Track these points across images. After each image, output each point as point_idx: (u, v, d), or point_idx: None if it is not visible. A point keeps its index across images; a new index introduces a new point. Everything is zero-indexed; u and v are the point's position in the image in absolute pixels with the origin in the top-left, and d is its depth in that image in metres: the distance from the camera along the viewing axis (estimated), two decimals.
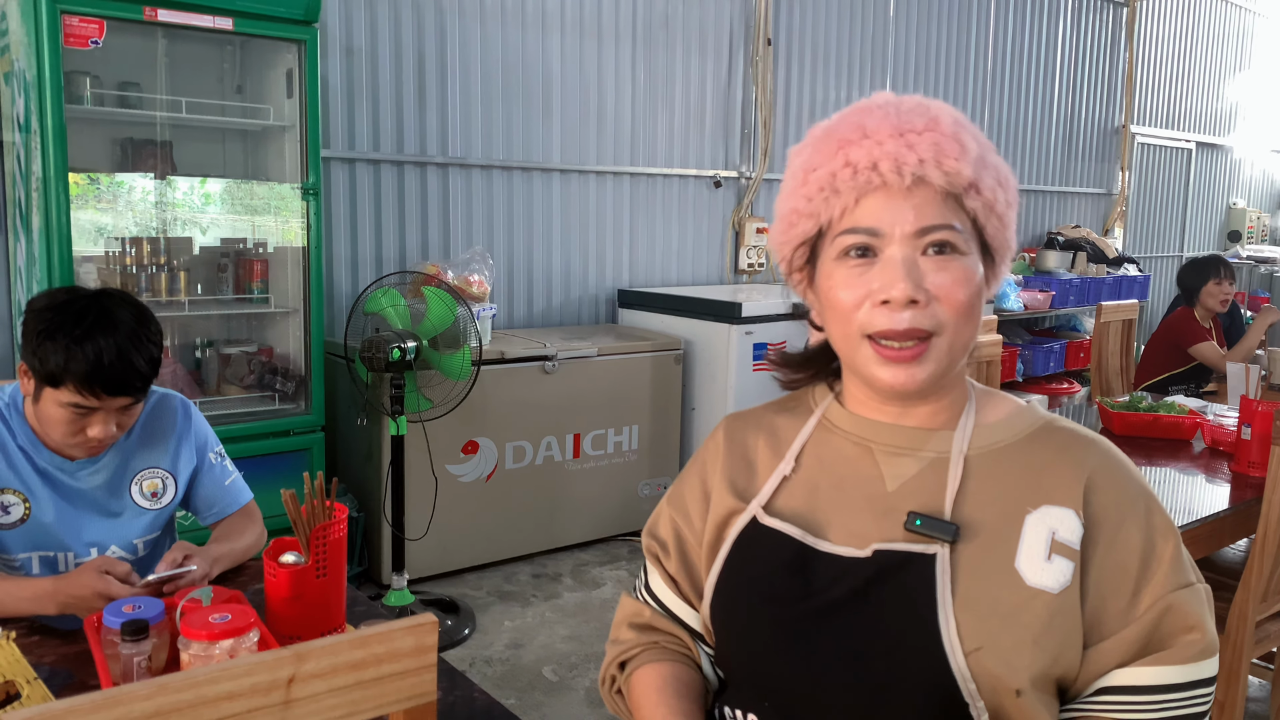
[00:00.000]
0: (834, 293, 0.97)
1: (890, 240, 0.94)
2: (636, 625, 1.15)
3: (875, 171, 0.93)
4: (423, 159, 4.11)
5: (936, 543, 0.95)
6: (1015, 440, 1.00)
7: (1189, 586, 0.94)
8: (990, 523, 0.96)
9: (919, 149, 0.92)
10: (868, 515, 1.00)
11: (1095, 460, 0.98)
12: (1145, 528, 0.95)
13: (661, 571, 1.14)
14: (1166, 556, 0.94)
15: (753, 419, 1.14)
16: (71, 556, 1.71)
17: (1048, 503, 0.95)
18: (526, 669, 3.06)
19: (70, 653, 1.46)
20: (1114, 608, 0.93)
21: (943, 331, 0.94)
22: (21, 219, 3.01)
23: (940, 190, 0.93)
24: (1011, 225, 0.99)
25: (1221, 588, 2.59)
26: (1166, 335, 4.61)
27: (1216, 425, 2.91)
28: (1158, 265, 8.35)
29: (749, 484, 1.08)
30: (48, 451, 1.69)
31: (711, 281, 5.21)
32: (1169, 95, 8.22)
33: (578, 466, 4.03)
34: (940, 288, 0.93)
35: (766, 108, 5.20)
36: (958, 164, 0.92)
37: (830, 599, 0.97)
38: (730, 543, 1.06)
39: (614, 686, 1.15)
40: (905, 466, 1.01)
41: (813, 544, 1.00)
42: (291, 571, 1.42)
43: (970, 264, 0.95)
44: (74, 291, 1.63)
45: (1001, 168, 0.97)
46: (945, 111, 0.95)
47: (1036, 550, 0.93)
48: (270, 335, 3.59)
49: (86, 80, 2.99)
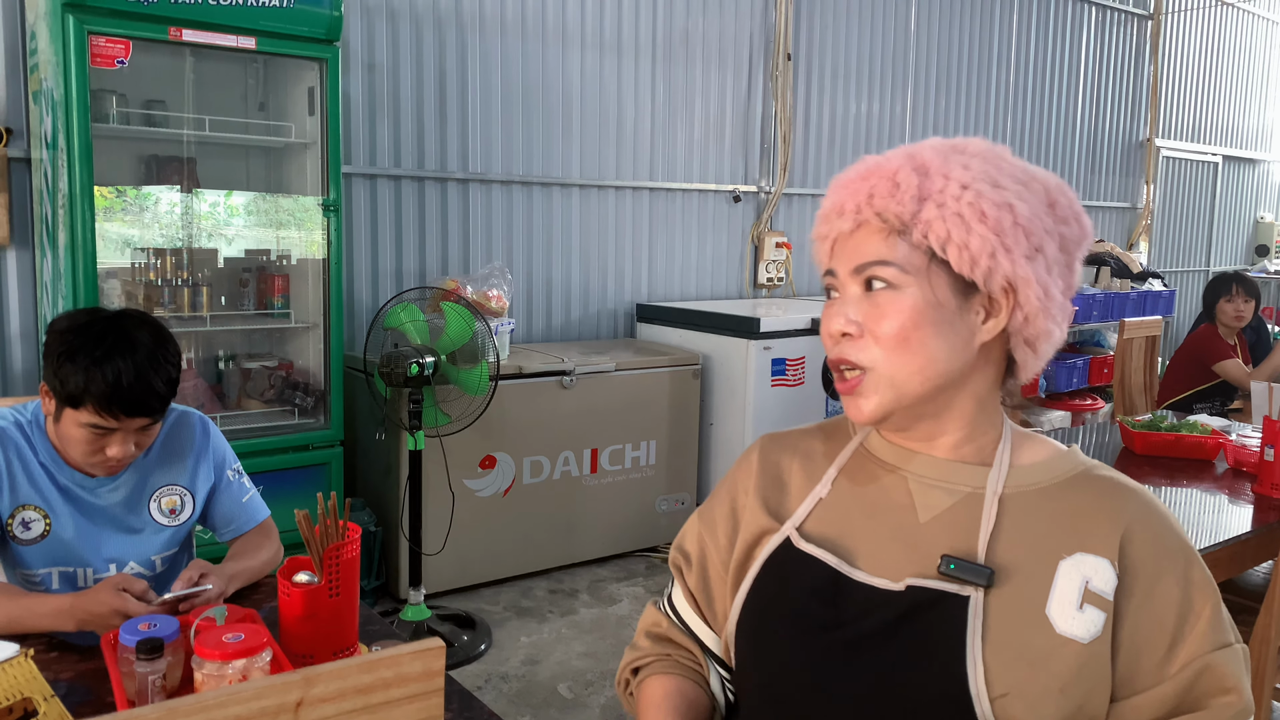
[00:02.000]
0: (822, 328, 1.05)
1: (842, 280, 1.02)
2: (653, 635, 1.19)
3: (827, 219, 1.03)
4: (443, 174, 4.14)
5: (970, 585, 0.95)
6: (1052, 484, 1.00)
7: (1228, 647, 0.93)
8: (1023, 567, 0.95)
9: (857, 194, 0.99)
10: (899, 546, 1.00)
11: (1134, 510, 0.97)
12: (1184, 583, 0.94)
13: (683, 585, 1.17)
14: (1205, 614, 0.94)
15: (788, 441, 1.16)
16: (91, 572, 1.73)
17: (1082, 550, 0.95)
18: (542, 685, 3.06)
19: (87, 669, 1.47)
20: (1148, 663, 0.93)
21: (875, 365, 0.98)
22: (48, 235, 3.06)
23: (880, 229, 0.98)
24: (992, 253, 0.94)
25: (1244, 611, 2.55)
26: (1190, 352, 4.56)
27: (1240, 446, 2.88)
28: (1183, 280, 8.27)
29: (782, 505, 1.10)
30: (68, 468, 1.71)
31: (730, 296, 5.21)
32: (1194, 108, 8.15)
33: (595, 482, 4.04)
34: (868, 320, 0.98)
35: (786, 122, 5.21)
36: (886, 201, 0.97)
37: (860, 630, 0.97)
38: (761, 562, 1.06)
39: (628, 689, 1.20)
40: (937, 499, 1.01)
41: (847, 572, 1.01)
42: (305, 591, 1.43)
43: (905, 296, 0.96)
44: (95, 313, 1.65)
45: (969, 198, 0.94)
46: (903, 154, 1.00)
47: (1069, 598, 0.93)
48: (291, 349, 3.62)
49: (113, 99, 3.04)
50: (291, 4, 3.06)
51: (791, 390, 4.31)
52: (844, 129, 5.57)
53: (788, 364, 4.29)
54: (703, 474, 4.41)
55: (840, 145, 5.56)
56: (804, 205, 5.46)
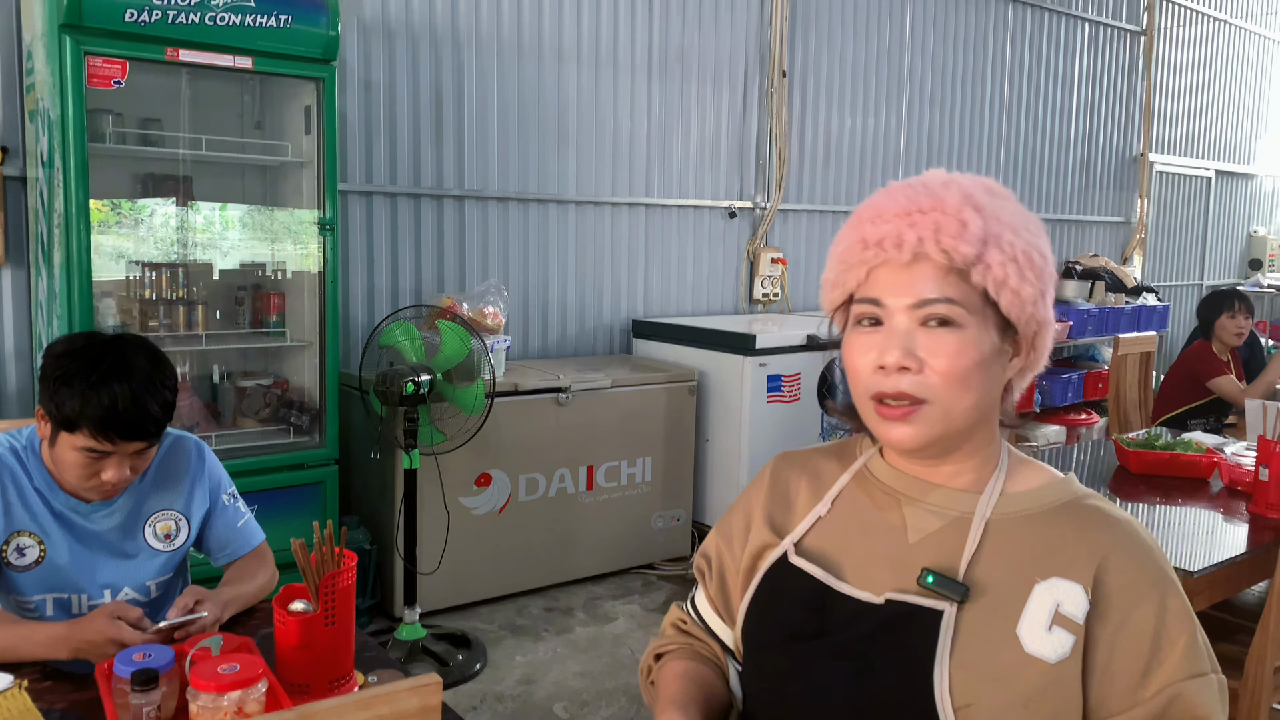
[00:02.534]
0: (850, 356, 1.05)
1: (892, 311, 1.01)
2: (680, 629, 1.27)
3: (880, 248, 1.01)
4: (439, 192, 4.14)
5: (946, 600, 0.99)
6: (1040, 511, 1.03)
7: (1201, 676, 0.96)
8: (999, 587, 0.99)
9: (919, 228, 0.99)
10: (887, 564, 1.05)
11: (1115, 540, 1.00)
12: (1160, 611, 0.97)
13: (705, 590, 1.25)
14: (1180, 644, 0.96)
15: (799, 460, 1.22)
16: (85, 598, 1.73)
17: (1058, 575, 0.98)
18: (538, 706, 3.05)
19: (82, 699, 1.46)
20: (1120, 688, 0.95)
21: (934, 399, 0.99)
22: (44, 254, 3.05)
23: (941, 266, 0.99)
24: (1035, 300, 1.01)
25: (1239, 631, 2.55)
26: (1184, 368, 4.57)
27: (1234, 465, 2.88)
28: (1177, 294, 8.30)
29: (785, 521, 1.16)
30: (63, 494, 1.71)
31: (726, 312, 5.22)
32: (1187, 124, 8.19)
33: (591, 499, 4.03)
34: (934, 357, 0.99)
35: (781, 138, 5.22)
36: (955, 241, 0.97)
37: (841, 639, 1.03)
38: (761, 575, 1.13)
39: (650, 677, 1.26)
40: (928, 521, 1.06)
41: (833, 585, 1.06)
42: (300, 620, 1.43)
43: (968, 336, 0.99)
44: (91, 337, 1.66)
45: (1019, 245, 0.99)
46: (958, 191, 1.00)
47: (1039, 619, 0.97)
48: (286, 368, 3.62)
49: (109, 118, 3.04)
50: (288, 24, 3.07)
51: (787, 407, 4.31)
52: (839, 145, 5.59)
53: (784, 380, 4.29)
54: (699, 490, 4.41)
55: (835, 161, 5.58)
56: (799, 221, 5.48)
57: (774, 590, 1.11)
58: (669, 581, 4.14)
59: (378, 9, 3.91)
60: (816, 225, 5.55)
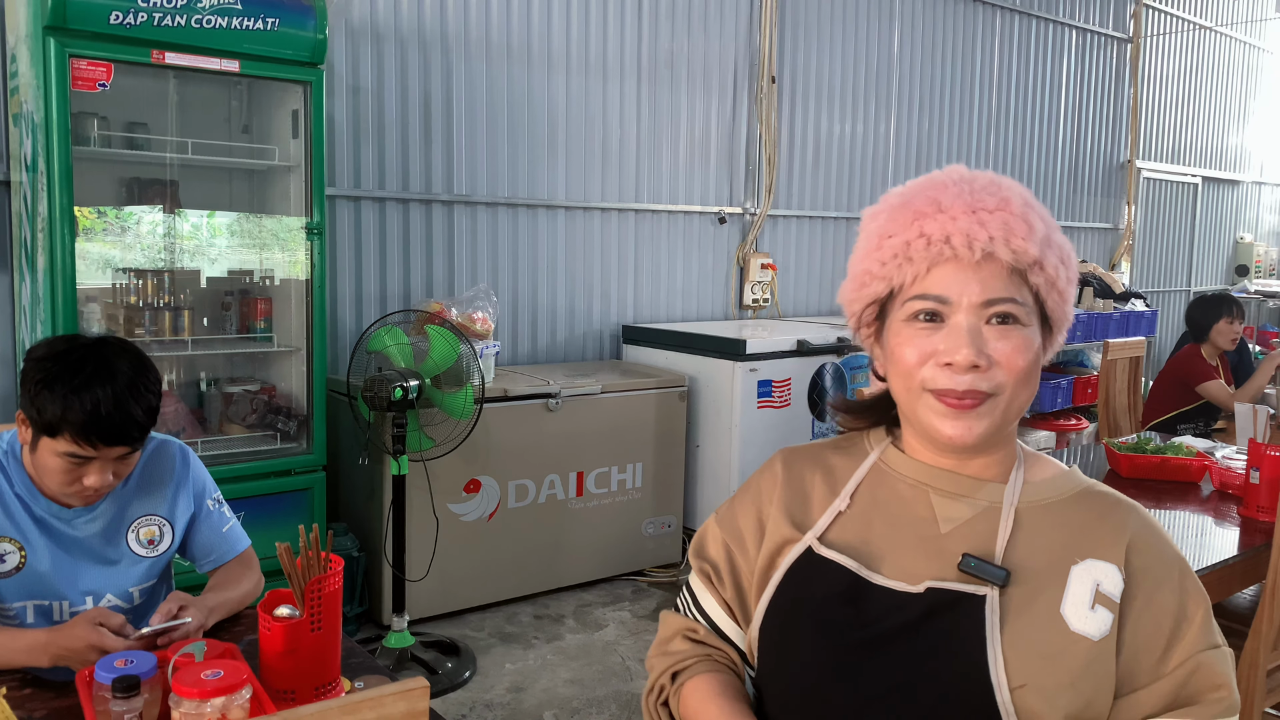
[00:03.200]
0: (901, 349, 1.04)
1: (958, 308, 1.01)
2: (691, 639, 1.21)
3: (948, 244, 1.01)
4: (428, 196, 4.13)
5: (987, 585, 1.01)
6: (1061, 499, 1.07)
7: (1217, 648, 1.01)
8: (1038, 570, 1.02)
9: (990, 227, 1.00)
10: (920, 554, 1.06)
11: (1136, 524, 1.05)
12: (1179, 591, 1.02)
13: (716, 595, 1.20)
14: (1198, 619, 1.01)
15: (809, 455, 1.21)
16: (67, 605, 1.70)
17: (1093, 556, 1.02)
18: (528, 714, 3.03)
19: (62, 706, 1.44)
20: (1147, 662, 1.00)
21: (1001, 393, 1.01)
22: (27, 259, 3.02)
23: (1007, 266, 1.01)
24: (1070, 299, 1.06)
25: (1231, 634, 2.54)
26: (1174, 373, 4.58)
27: (1225, 469, 2.88)
28: (1165, 300, 8.33)
29: (804, 516, 1.15)
30: (44, 499, 1.68)
31: (716, 318, 5.21)
32: (1175, 130, 8.24)
33: (581, 505, 4.01)
34: (1002, 354, 1.00)
35: (771, 144, 5.22)
36: (1024, 243, 1.00)
37: (882, 630, 1.03)
38: (783, 570, 1.12)
39: (661, 697, 1.19)
40: (958, 511, 1.07)
41: (867, 576, 1.07)
42: (286, 625, 1.41)
43: (1030, 334, 1.02)
44: (73, 341, 1.63)
45: (1065, 246, 1.05)
46: (1016, 192, 1.03)
47: (1082, 599, 1.00)
48: (273, 373, 3.59)
49: (94, 121, 3.02)
50: (276, 27, 3.05)
51: (778, 412, 4.30)
52: (828, 151, 5.59)
53: (774, 386, 4.28)
54: (689, 496, 4.39)
55: (825, 167, 5.58)
56: (789, 226, 5.47)
57: (801, 584, 1.10)
58: (659, 588, 4.11)
59: (365, 13, 3.89)
60: (806, 231, 5.55)
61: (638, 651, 3.47)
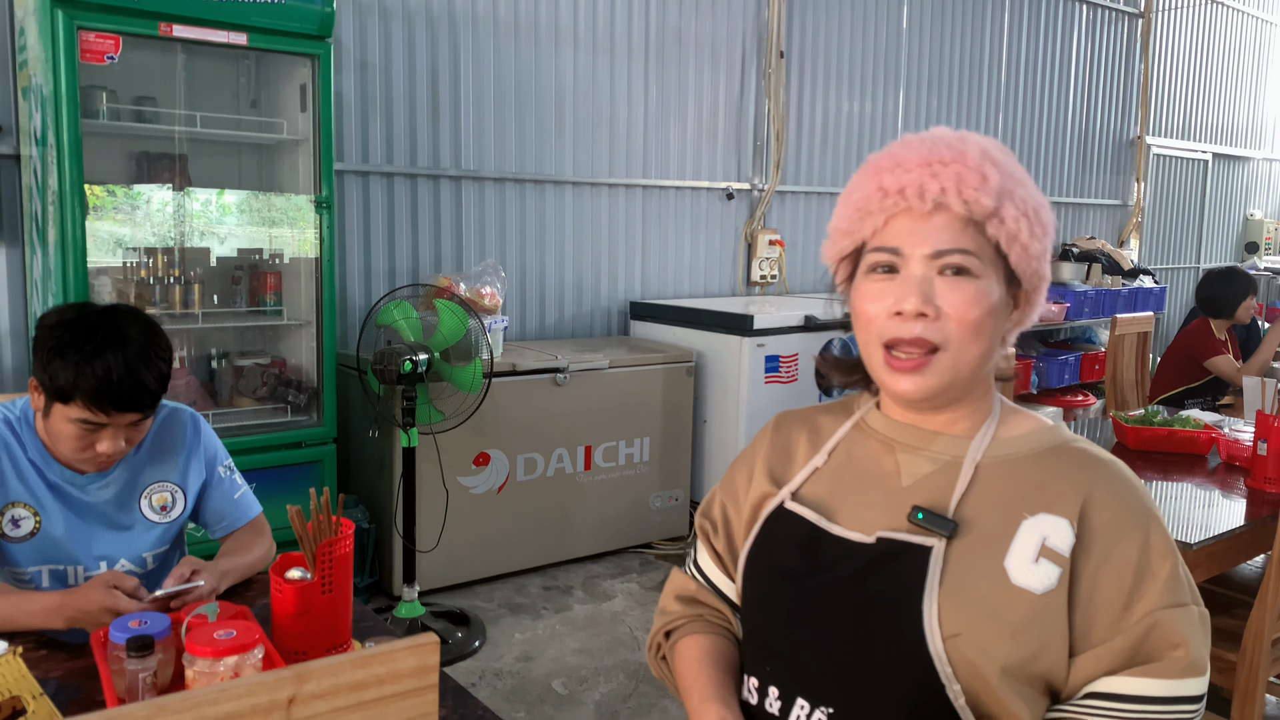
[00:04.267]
0: (860, 303, 1.07)
1: (910, 259, 1.03)
2: (683, 598, 1.27)
3: (901, 196, 1.03)
4: (436, 172, 4.13)
5: (935, 536, 1.02)
6: (1029, 454, 1.07)
7: (1182, 606, 0.99)
8: (988, 523, 1.03)
9: (942, 178, 1.01)
10: (880, 506, 1.09)
11: (1099, 477, 1.04)
12: (1142, 546, 1.00)
13: (709, 548, 1.26)
14: (1162, 576, 0.99)
15: (800, 416, 1.25)
16: (81, 570, 1.72)
17: (1045, 511, 1.02)
18: (536, 682, 3.06)
19: (77, 667, 1.46)
20: (1104, 618, 0.98)
21: (948, 346, 1.02)
22: (38, 232, 3.04)
23: (960, 217, 1.02)
24: (1039, 255, 1.05)
25: (1237, 605, 2.56)
26: (1182, 348, 4.57)
27: (1232, 440, 2.88)
28: (1174, 277, 8.30)
29: (785, 473, 1.19)
30: (58, 465, 1.70)
31: (724, 294, 5.21)
32: (1184, 106, 8.18)
33: (589, 479, 4.03)
34: (951, 305, 1.01)
35: (779, 120, 5.20)
36: (976, 194, 1.00)
37: (833, 577, 1.06)
38: (760, 524, 1.16)
39: (659, 653, 1.27)
40: (921, 465, 1.09)
41: (825, 527, 1.10)
42: (297, 588, 1.42)
43: (984, 286, 1.02)
44: (84, 308, 1.64)
45: (1031, 200, 1.04)
46: (975, 146, 1.04)
47: (1026, 553, 1.00)
48: (283, 347, 3.61)
49: (102, 95, 3.02)
50: (283, 0, 3.05)
51: (785, 387, 4.31)
52: (836, 127, 5.57)
53: (781, 361, 4.29)
54: (696, 471, 4.41)
55: (833, 143, 5.56)
56: (797, 203, 5.46)
57: (771, 537, 1.14)
58: (667, 560, 4.14)
59: None
60: (814, 207, 5.54)
61: (645, 622, 3.49)
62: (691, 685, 1.16)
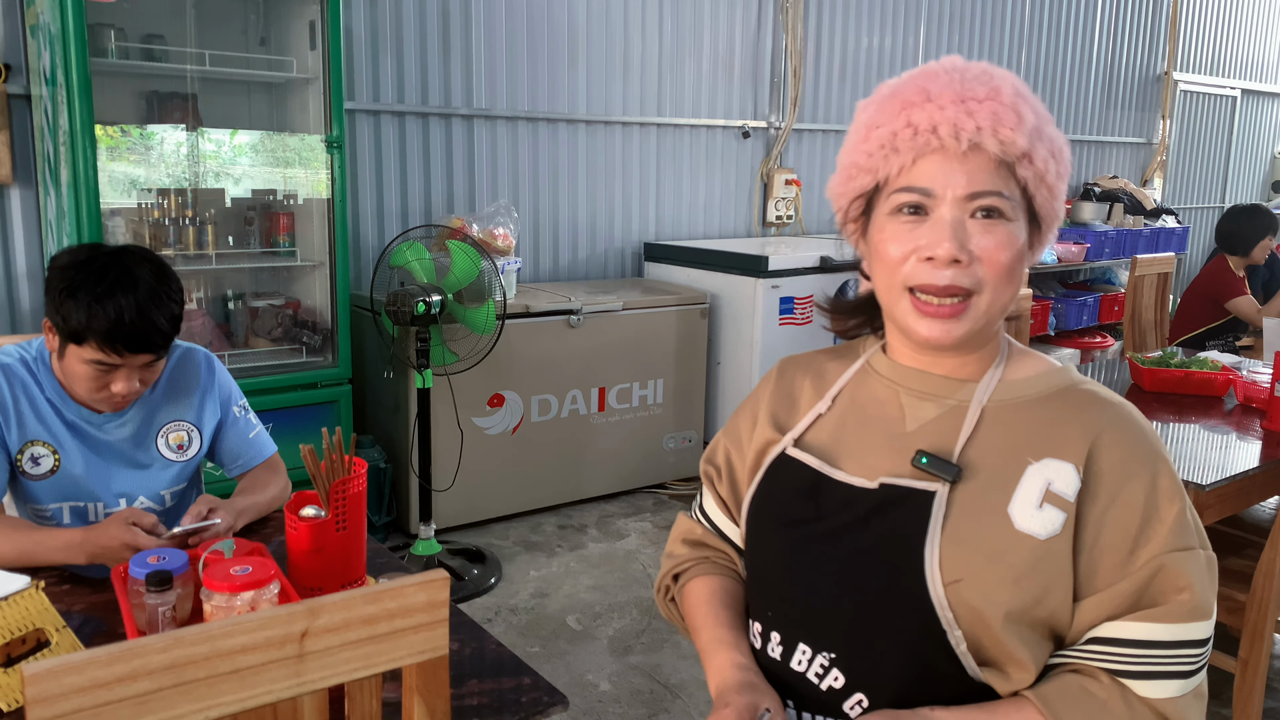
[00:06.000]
0: (883, 245, 1.03)
1: (941, 201, 0.99)
2: (689, 541, 1.27)
3: (934, 134, 0.98)
4: (447, 110, 4.08)
5: (938, 481, 1.01)
6: (1036, 397, 1.05)
7: (1188, 550, 0.97)
8: (992, 468, 1.01)
9: (978, 116, 0.97)
10: (884, 451, 1.07)
11: (1108, 420, 1.01)
12: (1149, 489, 0.98)
13: (714, 493, 1.25)
14: (1169, 519, 0.97)
15: (804, 361, 1.23)
16: (101, 507, 1.75)
17: (1051, 455, 1.00)
18: (551, 618, 3.11)
19: (99, 601, 1.49)
20: (1109, 563, 0.97)
21: (982, 290, 0.99)
22: (51, 173, 3.03)
23: (994, 158, 0.98)
24: (1061, 196, 1.03)
25: (1250, 545, 2.56)
26: (1203, 289, 4.52)
27: (1250, 382, 2.86)
28: (1197, 217, 8.17)
29: (789, 418, 1.18)
30: (75, 405, 1.72)
31: (739, 234, 5.17)
32: (1214, 41, 7.97)
33: (603, 420, 4.05)
34: (984, 250, 0.98)
35: (797, 56, 5.11)
36: (1013, 134, 0.97)
37: (836, 523, 1.05)
38: (763, 470, 1.15)
39: (668, 595, 1.28)
40: (926, 410, 1.07)
41: (828, 472, 1.09)
42: (311, 525, 1.44)
43: (1015, 230, 1.00)
44: (96, 249, 1.64)
45: (1057, 139, 1.01)
46: (1007, 81, 1.00)
47: (1030, 498, 0.98)
48: (297, 288, 3.61)
49: (111, 33, 2.99)
50: None
51: (800, 329, 4.30)
52: (855, 63, 5.47)
53: (796, 302, 4.27)
54: (710, 412, 4.42)
55: (852, 80, 5.47)
56: (814, 141, 5.39)
57: (774, 483, 1.14)
58: (680, 500, 4.17)
59: None
60: (832, 146, 5.46)
61: (658, 560, 3.53)
62: (701, 624, 1.17)
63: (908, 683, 1.00)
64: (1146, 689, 0.96)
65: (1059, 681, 0.98)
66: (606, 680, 2.77)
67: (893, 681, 1.00)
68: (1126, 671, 0.96)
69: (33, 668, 0.76)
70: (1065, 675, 0.98)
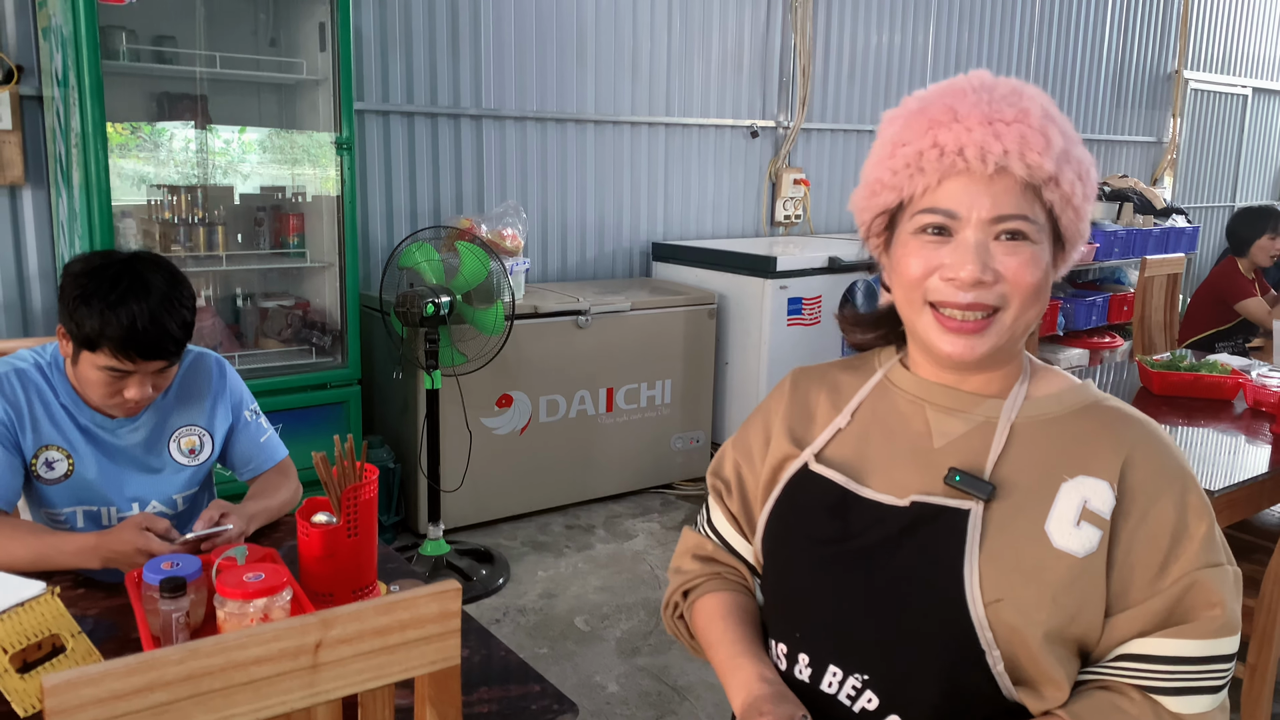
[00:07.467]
0: (906, 261, 1.02)
1: (966, 223, 0.98)
2: (700, 557, 1.25)
3: (961, 156, 0.97)
4: (456, 111, 4.09)
5: (972, 499, 1.00)
6: (1063, 414, 1.04)
7: (1217, 566, 0.97)
8: (1026, 486, 1.00)
9: (1005, 139, 0.96)
10: (911, 468, 1.05)
11: (1136, 438, 1.01)
12: (1179, 506, 0.98)
13: (724, 508, 1.23)
14: (1198, 536, 0.97)
15: (818, 373, 1.21)
16: (114, 511, 1.76)
17: (1084, 473, 0.99)
18: (559, 619, 3.12)
19: (113, 606, 1.51)
20: (1141, 579, 0.97)
21: (1006, 307, 0.99)
22: (63, 174, 3.05)
23: (1020, 180, 0.97)
24: (1087, 216, 1.02)
25: (1259, 550, 2.56)
26: (1212, 290, 4.51)
27: (1259, 386, 2.85)
28: (1207, 216, 8.14)
29: (806, 433, 1.15)
30: (89, 409, 1.73)
31: (747, 234, 5.17)
32: (1224, 39, 7.94)
33: (611, 420, 4.06)
34: (1009, 270, 0.98)
35: (805, 55, 5.10)
36: (1040, 158, 0.96)
37: (865, 543, 1.03)
38: (782, 485, 1.13)
39: (676, 612, 1.25)
40: (953, 426, 1.06)
41: (855, 490, 1.07)
42: (323, 531, 1.45)
43: (1040, 251, 0.99)
44: (109, 256, 1.66)
45: (1084, 160, 1.00)
46: (1036, 102, 0.98)
47: (1067, 516, 0.98)
48: (307, 289, 3.63)
49: (122, 35, 3.01)
50: None
51: (808, 329, 4.30)
52: (864, 62, 5.46)
53: (804, 303, 4.27)
54: (718, 413, 4.43)
55: (861, 79, 5.46)
56: (823, 141, 5.38)
57: (795, 500, 1.11)
58: (688, 501, 4.18)
59: None
60: (841, 145, 5.46)
61: (666, 561, 3.54)
62: (718, 640, 1.15)
63: (945, 704, 0.98)
64: (1178, 705, 0.96)
65: (1091, 699, 0.98)
66: (614, 682, 2.78)
67: (929, 703, 0.99)
68: (1158, 688, 0.96)
69: (51, 679, 0.77)
70: (1096, 692, 0.98)
